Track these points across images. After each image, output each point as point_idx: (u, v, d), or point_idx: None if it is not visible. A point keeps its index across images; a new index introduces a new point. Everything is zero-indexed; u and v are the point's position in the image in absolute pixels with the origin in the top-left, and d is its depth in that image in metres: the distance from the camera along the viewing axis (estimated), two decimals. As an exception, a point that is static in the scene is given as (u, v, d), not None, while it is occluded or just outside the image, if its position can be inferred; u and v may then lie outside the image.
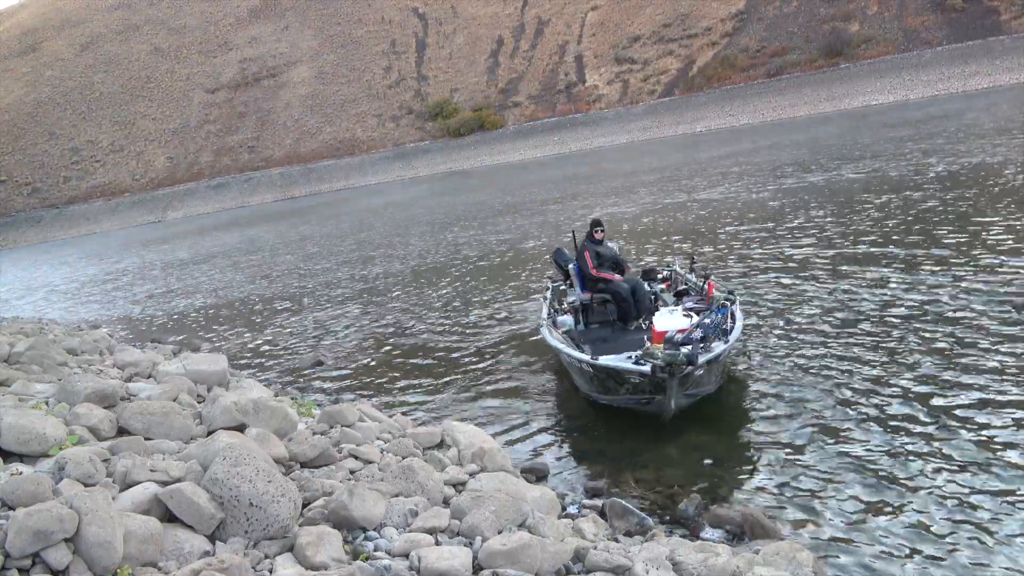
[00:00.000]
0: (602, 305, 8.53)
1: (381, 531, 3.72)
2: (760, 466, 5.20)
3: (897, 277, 9.02)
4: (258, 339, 12.41)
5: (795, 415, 5.92)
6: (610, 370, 5.82)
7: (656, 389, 5.53)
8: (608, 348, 7.01)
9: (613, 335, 7.91)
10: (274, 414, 4.95)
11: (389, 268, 17.40)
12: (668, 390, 5.39)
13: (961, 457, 4.89)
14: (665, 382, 5.33)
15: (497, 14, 74.64)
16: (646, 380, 5.50)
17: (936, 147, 19.94)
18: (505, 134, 61.35)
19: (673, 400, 5.45)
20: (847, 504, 4.62)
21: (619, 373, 5.77)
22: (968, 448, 4.98)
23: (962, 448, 4.99)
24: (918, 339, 6.95)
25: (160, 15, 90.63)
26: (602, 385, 6.16)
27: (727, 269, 11.10)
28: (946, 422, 5.37)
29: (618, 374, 5.79)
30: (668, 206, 18.88)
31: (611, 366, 5.81)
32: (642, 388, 5.67)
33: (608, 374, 5.91)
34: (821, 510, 4.61)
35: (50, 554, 2.90)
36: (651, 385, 5.53)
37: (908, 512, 4.44)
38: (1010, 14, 47.43)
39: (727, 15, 61.01)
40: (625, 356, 6.05)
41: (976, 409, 5.46)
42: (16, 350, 7.27)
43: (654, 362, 5.32)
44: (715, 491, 4.98)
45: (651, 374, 5.33)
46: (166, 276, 24.42)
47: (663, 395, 5.47)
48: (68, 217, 68.32)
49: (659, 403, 5.63)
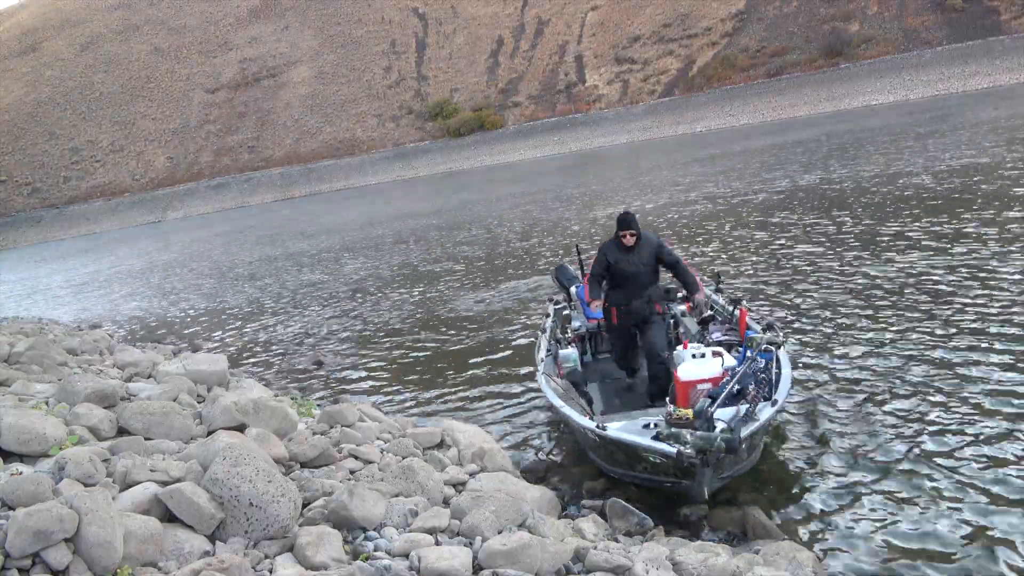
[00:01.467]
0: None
1: (381, 531, 3.72)
2: (760, 466, 5.19)
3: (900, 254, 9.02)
4: (258, 339, 12.41)
5: (795, 415, 5.92)
6: (623, 445, 4.65)
7: (683, 474, 4.38)
8: (621, 393, 6.23)
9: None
10: (274, 414, 4.95)
11: (390, 268, 17.40)
12: (699, 476, 4.23)
13: (964, 457, 4.89)
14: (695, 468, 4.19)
15: (497, 14, 74.63)
16: (670, 462, 4.34)
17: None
18: (505, 134, 61.34)
19: (706, 487, 4.30)
20: (847, 504, 4.62)
21: (635, 450, 4.57)
22: (971, 449, 4.97)
23: (965, 448, 4.99)
24: (920, 315, 6.95)
25: (160, 15, 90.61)
26: (611, 458, 4.98)
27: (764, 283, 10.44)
28: (948, 422, 5.36)
29: (634, 451, 4.60)
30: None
31: (624, 441, 4.57)
32: (664, 469, 4.52)
33: (619, 447, 4.75)
34: (821, 510, 4.61)
35: (50, 554, 2.90)
36: (677, 469, 4.37)
37: (908, 512, 4.44)
38: (1010, 14, 47.43)
39: (727, 15, 61.01)
40: (642, 424, 4.80)
41: (983, 410, 5.45)
42: (16, 350, 7.28)
43: (681, 448, 4.14)
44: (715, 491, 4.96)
45: (677, 459, 4.18)
46: (166, 276, 24.41)
47: (691, 480, 4.32)
48: (68, 217, 68.31)
49: (686, 487, 4.50)
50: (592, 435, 4.81)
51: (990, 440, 5.01)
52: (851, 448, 5.26)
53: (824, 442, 5.40)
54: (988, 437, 5.05)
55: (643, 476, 4.78)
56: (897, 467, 4.91)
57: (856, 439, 5.37)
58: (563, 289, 8.25)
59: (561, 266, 8.56)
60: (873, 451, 5.16)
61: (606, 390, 6.34)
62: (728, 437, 4.10)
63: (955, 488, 4.57)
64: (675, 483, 4.55)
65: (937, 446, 5.07)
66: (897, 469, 4.89)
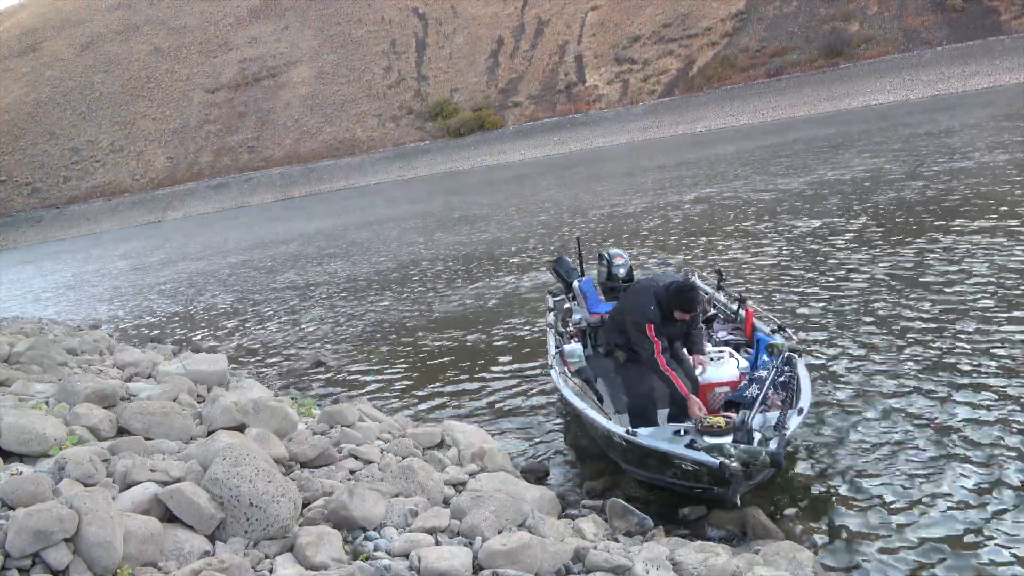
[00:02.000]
0: None
1: (381, 531, 3.72)
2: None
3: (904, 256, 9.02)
4: (258, 339, 12.41)
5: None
6: (657, 453, 4.51)
7: (717, 481, 4.33)
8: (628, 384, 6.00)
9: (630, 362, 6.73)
10: (274, 414, 4.95)
11: (390, 268, 17.40)
12: (734, 485, 4.16)
13: (964, 458, 4.89)
14: (734, 478, 4.11)
15: (497, 14, 74.61)
16: (704, 471, 4.30)
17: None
18: (505, 134, 61.31)
19: (739, 494, 4.26)
20: (847, 504, 4.62)
21: (669, 458, 4.46)
22: (971, 449, 4.97)
23: (965, 449, 4.99)
24: (920, 314, 6.95)
25: (160, 15, 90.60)
26: (639, 461, 4.85)
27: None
28: (948, 422, 5.36)
29: (667, 458, 4.49)
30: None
31: (658, 449, 4.46)
32: (698, 477, 4.46)
33: (651, 455, 4.61)
34: (821, 510, 4.61)
35: (50, 554, 2.90)
36: (711, 477, 4.35)
37: (908, 512, 4.44)
38: (1010, 14, 47.40)
39: (727, 15, 60.97)
40: (672, 430, 4.81)
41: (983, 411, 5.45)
42: (16, 350, 7.28)
43: (725, 461, 4.07)
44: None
45: (719, 471, 4.12)
46: (166, 276, 24.41)
47: (725, 488, 4.24)
48: (68, 217, 68.30)
49: (718, 496, 4.46)
50: (620, 439, 4.73)
51: (990, 441, 5.01)
52: (850, 448, 5.26)
53: (824, 442, 5.40)
54: (988, 437, 5.05)
55: (670, 481, 4.71)
56: (897, 467, 4.91)
57: (855, 439, 5.37)
58: (562, 281, 8.13)
59: (560, 258, 8.44)
60: (873, 451, 5.17)
61: (612, 387, 6.28)
62: (773, 452, 4.09)
63: (955, 488, 4.57)
64: (706, 490, 4.53)
65: (937, 446, 5.07)
66: (897, 469, 4.89)
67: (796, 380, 5.00)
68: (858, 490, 4.74)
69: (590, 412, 5.20)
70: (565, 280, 8.04)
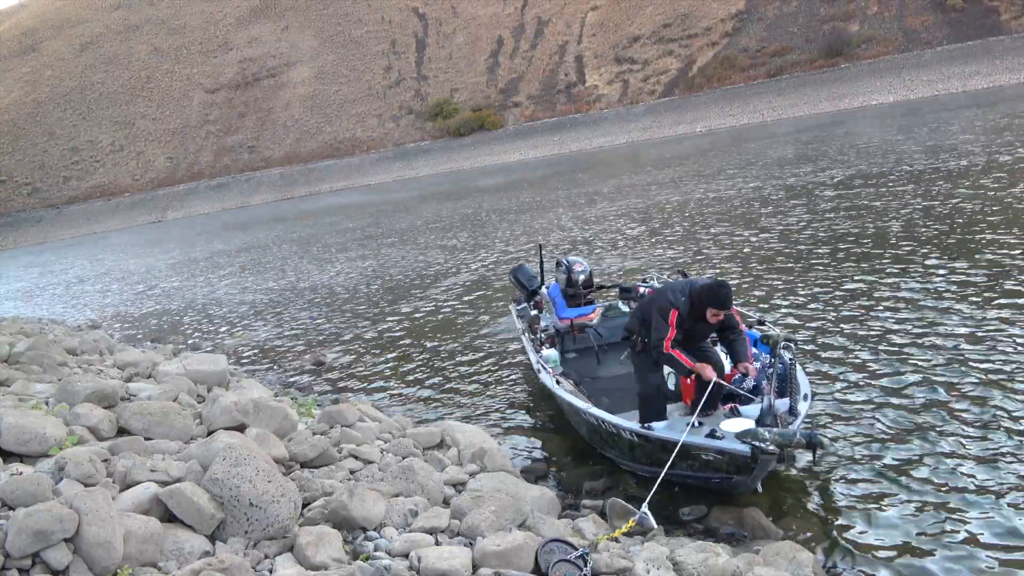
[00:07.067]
0: (582, 331, 7.34)
1: (381, 531, 3.72)
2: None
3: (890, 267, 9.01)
4: (258, 339, 12.41)
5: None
6: (674, 445, 4.41)
7: (738, 469, 4.34)
8: (603, 389, 6.18)
9: (600, 366, 6.86)
10: (274, 414, 4.95)
11: (390, 268, 17.40)
12: (757, 471, 4.22)
13: (964, 458, 4.89)
14: (756, 464, 4.17)
15: (497, 14, 74.58)
16: (725, 459, 4.35)
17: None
18: (505, 134, 61.29)
19: (759, 481, 4.31)
20: (847, 505, 4.62)
21: (692, 451, 4.43)
22: (971, 450, 4.97)
23: (964, 449, 4.99)
24: (919, 315, 6.94)
25: (160, 15, 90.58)
26: (650, 456, 4.82)
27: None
28: (948, 423, 5.36)
29: (685, 450, 4.42)
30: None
31: (680, 441, 4.39)
32: (717, 466, 4.45)
33: (664, 447, 4.56)
34: (821, 510, 4.61)
35: (50, 554, 2.90)
36: (731, 465, 4.35)
37: (908, 512, 4.44)
38: (1010, 14, 47.38)
39: (727, 15, 60.94)
40: (683, 422, 4.81)
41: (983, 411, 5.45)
42: (16, 350, 7.28)
43: (760, 445, 4.05)
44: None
45: (751, 457, 4.13)
46: (166, 276, 24.41)
47: (747, 475, 4.29)
48: (68, 217, 68.28)
49: (736, 484, 4.47)
50: (635, 436, 4.79)
51: (989, 441, 5.01)
52: (850, 449, 5.26)
53: (822, 443, 5.39)
54: (987, 438, 5.05)
55: (683, 474, 4.66)
56: (896, 468, 4.91)
57: (854, 440, 5.37)
58: (522, 289, 8.15)
59: (520, 266, 8.49)
60: (872, 452, 5.17)
61: (591, 389, 6.38)
62: (808, 433, 4.24)
63: (955, 489, 4.57)
64: (724, 479, 4.52)
65: (936, 447, 5.07)
66: (897, 470, 4.89)
67: (793, 368, 5.03)
68: (858, 490, 4.74)
69: (594, 410, 5.26)
70: (526, 288, 8.06)
